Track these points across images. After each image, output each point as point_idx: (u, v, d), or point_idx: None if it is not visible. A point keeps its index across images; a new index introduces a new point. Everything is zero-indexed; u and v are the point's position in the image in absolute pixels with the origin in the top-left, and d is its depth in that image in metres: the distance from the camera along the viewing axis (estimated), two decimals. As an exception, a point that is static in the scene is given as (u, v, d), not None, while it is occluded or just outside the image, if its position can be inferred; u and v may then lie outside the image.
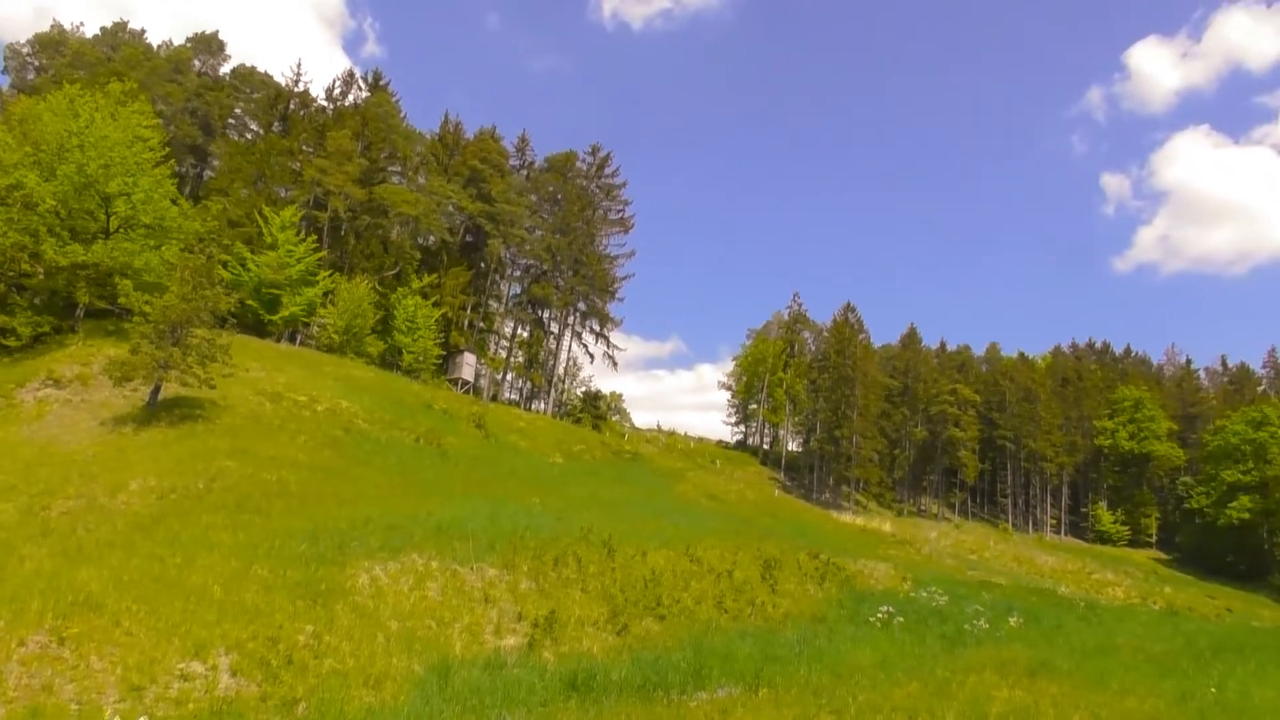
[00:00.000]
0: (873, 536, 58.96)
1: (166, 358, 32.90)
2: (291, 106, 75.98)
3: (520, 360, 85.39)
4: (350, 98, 79.00)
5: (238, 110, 79.22)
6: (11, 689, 10.60)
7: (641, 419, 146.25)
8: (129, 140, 44.17)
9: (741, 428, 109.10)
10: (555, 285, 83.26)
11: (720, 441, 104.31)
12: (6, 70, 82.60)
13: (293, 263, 57.80)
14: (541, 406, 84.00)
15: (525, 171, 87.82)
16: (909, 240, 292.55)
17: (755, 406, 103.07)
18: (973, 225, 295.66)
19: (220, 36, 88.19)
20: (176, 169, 57.43)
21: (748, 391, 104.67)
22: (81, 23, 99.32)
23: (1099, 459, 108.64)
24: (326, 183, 64.77)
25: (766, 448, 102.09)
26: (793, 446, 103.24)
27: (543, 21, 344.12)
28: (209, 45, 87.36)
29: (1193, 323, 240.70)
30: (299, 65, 78.89)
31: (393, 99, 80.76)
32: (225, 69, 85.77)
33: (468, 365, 73.72)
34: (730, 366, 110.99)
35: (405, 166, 76.22)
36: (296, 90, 77.38)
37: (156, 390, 34.21)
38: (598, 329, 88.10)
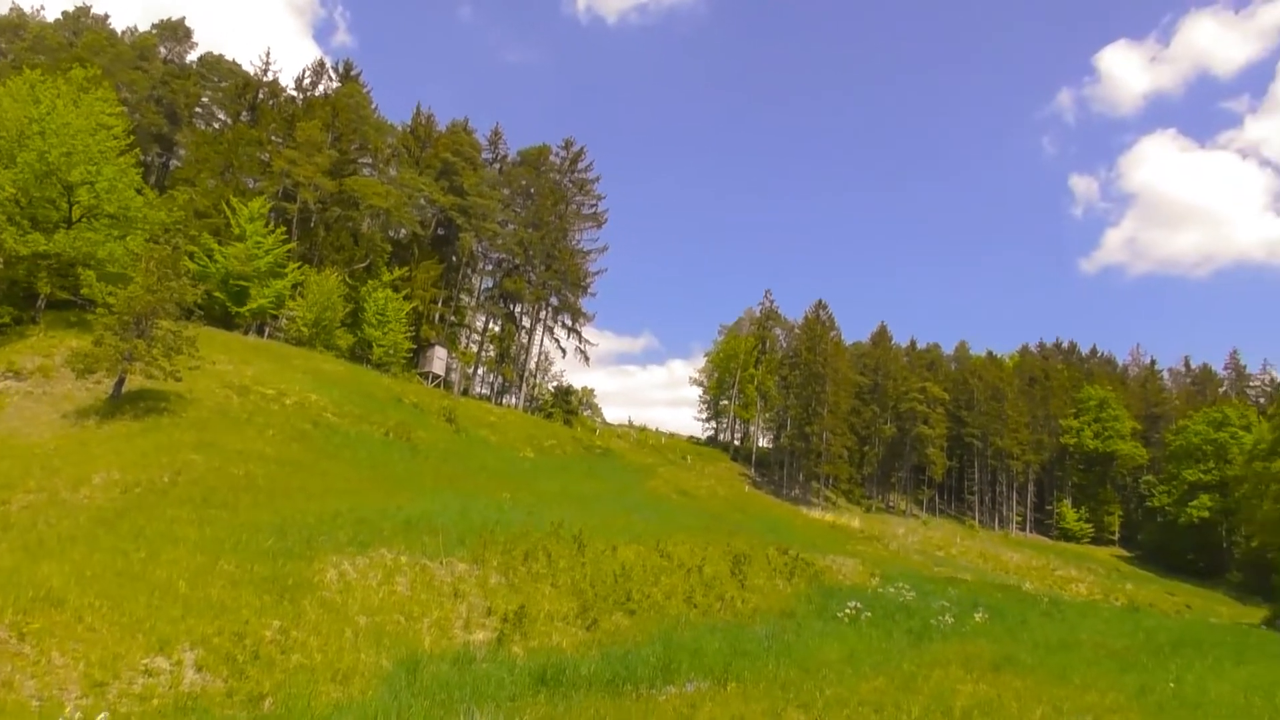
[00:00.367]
0: (841, 532, 59.49)
1: (131, 350, 32.38)
2: (260, 96, 75.02)
3: (491, 354, 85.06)
4: (320, 88, 78.19)
5: (205, 99, 77.96)
6: (-30, 685, 10.42)
7: (613, 414, 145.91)
8: (92, 128, 43.37)
9: (713, 424, 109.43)
10: (527, 279, 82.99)
11: (691, 437, 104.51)
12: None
13: (261, 254, 57.13)
14: (513, 401, 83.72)
15: (498, 165, 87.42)
16: (880, 238, 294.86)
17: (726, 402, 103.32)
18: (943, 225, 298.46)
19: (187, 23, 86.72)
20: (141, 158, 56.47)
21: (719, 387, 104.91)
22: (42, 6, 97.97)
23: (1064, 457, 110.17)
24: (296, 174, 64.08)
25: (737, 444, 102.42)
26: (763, 443, 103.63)
27: (516, 13, 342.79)
28: (175, 32, 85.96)
29: (1157, 324, 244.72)
30: (268, 54, 78.10)
31: (364, 90, 79.99)
32: (192, 57, 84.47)
33: (438, 359, 73.31)
34: (702, 362, 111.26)
35: (376, 158, 75.56)
36: (265, 79, 76.42)
37: (120, 383, 33.68)
38: (570, 324, 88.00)
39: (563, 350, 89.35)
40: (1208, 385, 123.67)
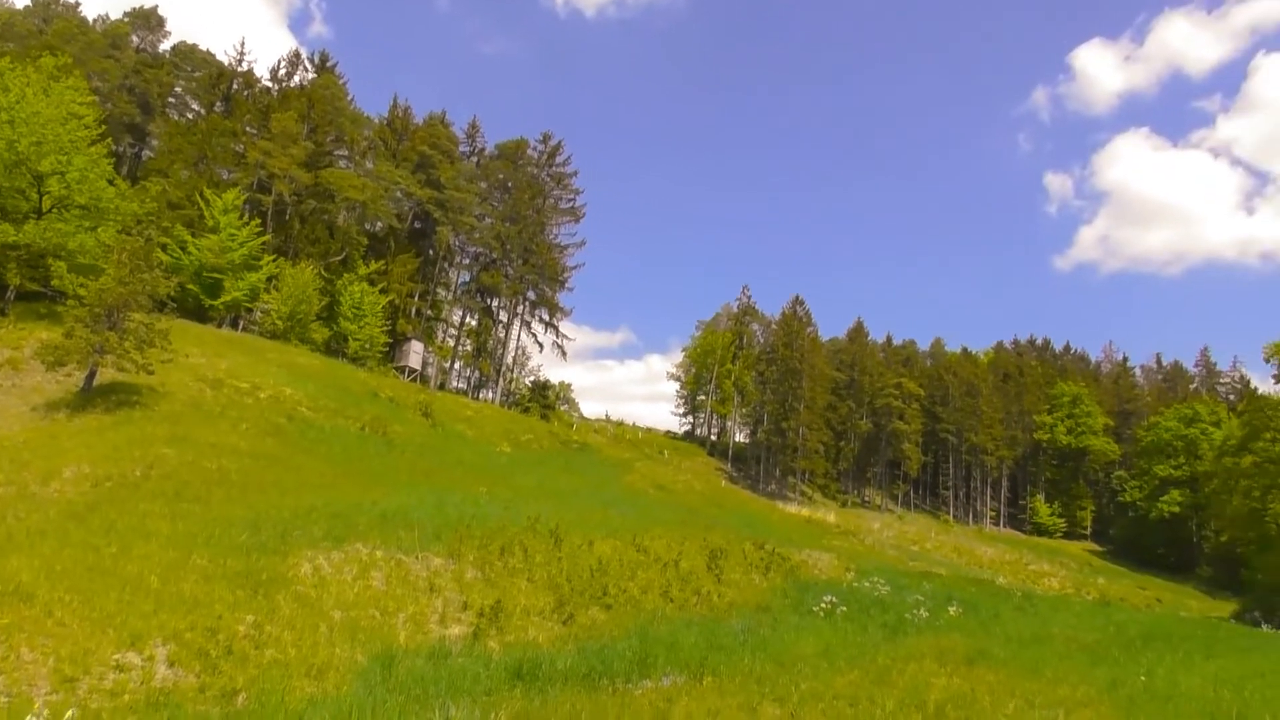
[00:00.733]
0: (817, 527, 59.79)
1: (102, 342, 32.00)
2: (234, 86, 74.28)
3: (468, 349, 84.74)
4: (296, 79, 77.36)
5: (178, 89, 77.07)
6: (-64, 681, 10.26)
7: (590, 409, 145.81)
8: (63, 117, 42.72)
9: (690, 419, 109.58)
10: (504, 274, 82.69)
11: (668, 432, 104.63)
12: (-69, 41, 79.42)
13: (235, 247, 56.57)
14: (489, 395, 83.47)
15: (475, 158, 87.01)
16: (858, 234, 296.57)
17: (703, 398, 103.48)
18: (920, 221, 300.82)
19: (160, 12, 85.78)
20: (114, 148, 55.70)
21: (696, 383, 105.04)
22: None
23: (1038, 453, 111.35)
24: (271, 166, 63.46)
25: (714, 439, 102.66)
26: (740, 438, 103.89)
27: (494, 5, 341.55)
28: (148, 21, 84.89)
29: (1130, 321, 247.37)
30: (242, 44, 77.82)
31: (340, 81, 79.22)
32: (165, 46, 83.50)
33: (415, 353, 72.94)
34: (679, 358, 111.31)
35: (352, 150, 74.91)
36: (240, 70, 75.69)
37: (92, 375, 33.28)
38: (547, 318, 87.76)
39: (540, 345, 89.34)
40: (1179, 382, 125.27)
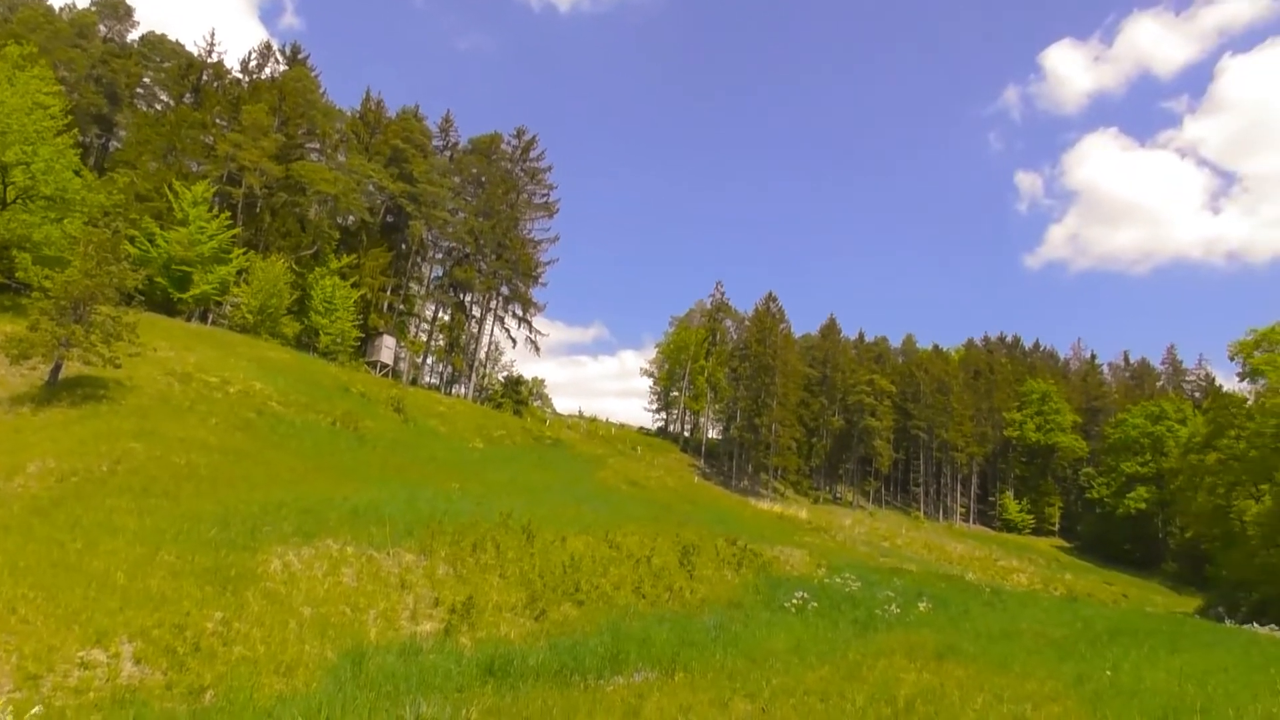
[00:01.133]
0: (789, 523, 59.99)
1: (68, 335, 31.51)
2: (204, 78, 73.36)
3: (441, 344, 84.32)
4: (267, 70, 76.53)
5: (146, 79, 76.03)
6: (-105, 680, 10.09)
7: (563, 405, 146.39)
8: (27, 107, 41.98)
9: (663, 415, 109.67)
10: (478, 268, 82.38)
11: (642, 428, 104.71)
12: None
13: (204, 240, 55.93)
14: (462, 391, 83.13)
15: (449, 152, 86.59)
16: (830, 231, 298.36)
17: (677, 394, 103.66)
18: (892, 219, 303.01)
19: (128, 1, 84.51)
20: (80, 139, 54.96)
21: (669, 379, 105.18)
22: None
23: (1007, 450, 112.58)
24: (241, 158, 62.77)
25: (687, 435, 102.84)
26: (713, 434, 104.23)
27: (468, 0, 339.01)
28: (115, 10, 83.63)
29: (1098, 319, 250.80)
30: (212, 35, 76.03)
31: (312, 73, 78.50)
32: (133, 36, 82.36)
33: (387, 348, 72.49)
34: (653, 353, 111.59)
35: (324, 143, 74.25)
36: (210, 61, 74.71)
37: (57, 369, 32.76)
38: (520, 313, 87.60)
39: (513, 340, 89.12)
40: (1146, 379, 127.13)
